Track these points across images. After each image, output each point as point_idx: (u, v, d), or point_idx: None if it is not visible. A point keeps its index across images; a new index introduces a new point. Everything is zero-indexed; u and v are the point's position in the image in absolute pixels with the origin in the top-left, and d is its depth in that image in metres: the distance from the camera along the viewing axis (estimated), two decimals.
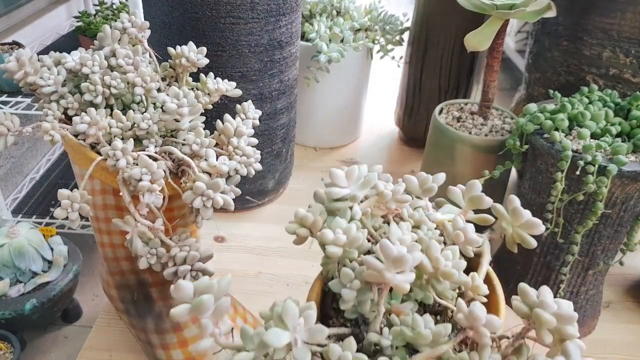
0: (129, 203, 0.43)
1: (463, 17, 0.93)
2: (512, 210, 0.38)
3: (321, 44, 0.92)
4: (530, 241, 0.37)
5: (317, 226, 0.36)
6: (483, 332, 0.31)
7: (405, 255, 0.31)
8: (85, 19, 1.19)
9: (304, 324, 0.29)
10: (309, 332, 0.29)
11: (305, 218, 0.36)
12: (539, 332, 0.31)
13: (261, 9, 0.70)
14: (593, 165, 0.55)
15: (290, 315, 0.29)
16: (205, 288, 0.30)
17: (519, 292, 0.33)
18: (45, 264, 0.90)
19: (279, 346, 0.28)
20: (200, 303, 0.29)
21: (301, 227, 0.37)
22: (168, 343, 0.56)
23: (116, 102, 0.50)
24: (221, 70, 0.73)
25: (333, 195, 0.37)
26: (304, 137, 1.07)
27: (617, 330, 0.70)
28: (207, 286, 0.30)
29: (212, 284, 0.30)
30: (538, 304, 0.31)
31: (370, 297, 0.33)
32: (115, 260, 0.55)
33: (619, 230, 0.61)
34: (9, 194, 1.14)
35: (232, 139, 0.48)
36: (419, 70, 1.03)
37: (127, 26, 0.52)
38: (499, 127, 0.79)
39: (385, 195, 0.38)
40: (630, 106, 0.65)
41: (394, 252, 0.31)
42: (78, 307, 1.01)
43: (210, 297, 0.30)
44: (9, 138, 0.44)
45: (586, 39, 0.75)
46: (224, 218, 0.86)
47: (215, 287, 0.30)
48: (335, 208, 0.38)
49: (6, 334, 0.83)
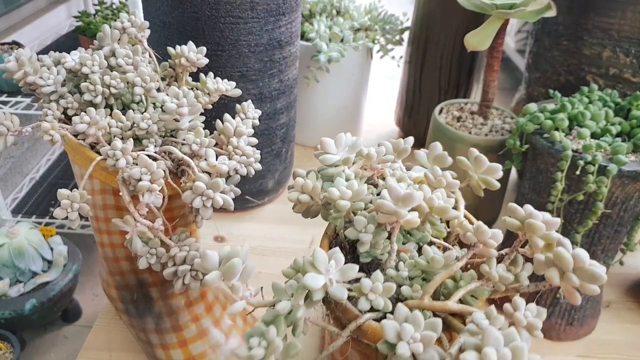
0: (129, 203, 0.43)
1: (463, 17, 0.93)
2: (475, 159, 0.43)
3: (321, 44, 0.92)
4: (494, 183, 0.42)
5: (317, 191, 0.40)
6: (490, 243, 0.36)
7: (413, 192, 0.35)
8: (84, 18, 1.19)
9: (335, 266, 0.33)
10: (340, 272, 0.33)
11: (306, 185, 0.40)
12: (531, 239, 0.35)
13: (261, 9, 0.70)
14: (593, 165, 0.55)
15: (321, 261, 0.33)
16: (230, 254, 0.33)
17: (509, 211, 0.37)
18: (45, 263, 0.90)
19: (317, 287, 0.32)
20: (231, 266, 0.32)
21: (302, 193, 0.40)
22: (168, 343, 0.56)
23: (116, 102, 0.50)
24: (221, 70, 0.73)
25: (327, 161, 0.42)
26: (304, 137, 1.07)
27: (617, 330, 0.70)
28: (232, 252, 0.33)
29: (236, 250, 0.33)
30: (528, 215, 0.35)
31: (385, 236, 0.37)
32: (115, 260, 0.55)
33: (619, 230, 0.61)
34: (8, 194, 1.14)
35: (231, 139, 0.48)
36: (419, 70, 1.03)
37: (126, 26, 0.52)
38: (499, 127, 0.79)
39: (372, 157, 0.43)
40: (630, 106, 0.65)
41: (402, 192, 0.35)
42: (78, 307, 1.01)
43: (239, 260, 0.32)
44: (8, 138, 0.44)
45: (586, 38, 0.75)
46: (224, 218, 0.86)
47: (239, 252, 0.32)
48: (329, 174, 0.42)
49: (6, 333, 0.83)
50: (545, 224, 0.35)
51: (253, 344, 0.32)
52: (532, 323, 0.32)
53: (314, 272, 0.33)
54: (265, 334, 0.31)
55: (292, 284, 0.34)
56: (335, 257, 0.33)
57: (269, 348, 0.31)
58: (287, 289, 0.34)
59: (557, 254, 0.33)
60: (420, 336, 0.30)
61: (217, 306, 0.58)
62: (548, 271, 0.33)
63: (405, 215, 0.35)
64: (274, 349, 0.31)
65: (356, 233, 0.38)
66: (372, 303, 0.34)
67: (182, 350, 0.56)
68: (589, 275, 0.32)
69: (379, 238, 0.38)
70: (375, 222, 0.37)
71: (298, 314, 0.33)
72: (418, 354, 0.30)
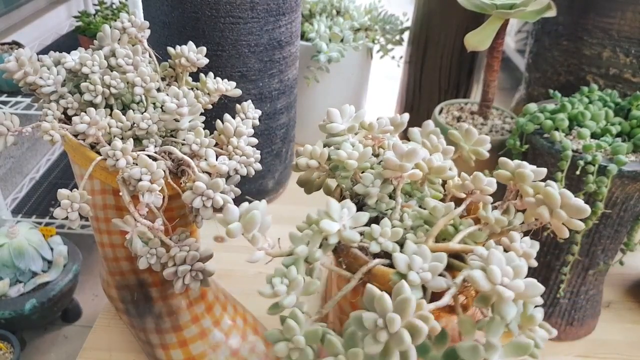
0: (129, 203, 0.43)
1: (463, 17, 0.93)
2: (465, 132, 0.46)
3: (321, 44, 0.92)
4: (484, 153, 0.46)
5: (324, 157, 0.44)
6: (486, 190, 0.39)
7: (416, 147, 0.39)
8: (84, 18, 1.19)
9: (347, 214, 0.37)
10: (353, 219, 0.37)
11: (314, 151, 0.44)
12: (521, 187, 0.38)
13: (261, 9, 0.70)
14: (593, 165, 0.55)
15: (334, 210, 0.36)
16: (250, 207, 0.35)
17: (500, 164, 0.40)
18: (45, 263, 0.90)
19: (332, 231, 0.35)
20: (252, 217, 0.35)
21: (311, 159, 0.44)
22: (168, 343, 0.56)
23: (116, 102, 0.50)
24: (221, 70, 0.73)
25: (333, 129, 0.46)
26: (304, 137, 1.07)
27: (617, 330, 0.70)
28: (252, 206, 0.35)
29: (256, 203, 0.36)
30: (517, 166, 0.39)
31: (391, 189, 0.41)
32: (115, 260, 0.55)
33: (619, 230, 0.61)
34: (8, 194, 1.14)
35: (232, 139, 0.48)
36: (419, 70, 1.03)
37: (126, 26, 0.52)
38: (499, 127, 0.79)
39: (374, 127, 0.47)
40: (630, 106, 0.65)
41: (405, 148, 0.39)
42: (78, 307, 1.01)
43: (259, 212, 0.35)
44: (8, 138, 0.44)
45: (586, 38, 0.75)
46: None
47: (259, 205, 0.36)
48: (335, 142, 0.45)
49: (6, 334, 0.83)
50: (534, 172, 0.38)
51: (276, 282, 0.35)
52: (527, 252, 0.36)
53: (329, 219, 0.36)
54: (286, 274, 0.35)
55: (308, 233, 0.37)
56: (348, 206, 0.37)
57: (291, 285, 0.35)
58: (304, 237, 0.37)
59: (546, 192, 0.36)
60: (428, 266, 0.34)
61: (217, 306, 0.58)
62: (539, 209, 0.36)
63: (410, 169, 0.39)
64: (295, 285, 0.35)
65: (364, 188, 0.42)
66: (381, 246, 0.37)
67: (182, 350, 0.56)
68: (575, 210, 0.35)
69: (385, 191, 0.42)
70: (381, 177, 0.41)
71: (316, 254, 0.36)
72: (427, 282, 0.33)
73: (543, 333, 0.33)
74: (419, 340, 0.29)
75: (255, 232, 0.36)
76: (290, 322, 0.34)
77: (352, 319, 0.31)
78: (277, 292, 0.34)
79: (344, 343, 0.32)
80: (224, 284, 0.66)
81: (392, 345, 0.29)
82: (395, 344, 0.29)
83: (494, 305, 0.31)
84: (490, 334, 0.31)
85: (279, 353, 0.33)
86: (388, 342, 0.29)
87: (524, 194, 0.38)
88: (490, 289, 0.30)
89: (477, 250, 0.34)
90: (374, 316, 0.30)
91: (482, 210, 0.40)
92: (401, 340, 0.29)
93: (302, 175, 0.48)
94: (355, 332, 0.32)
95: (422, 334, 0.29)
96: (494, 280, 0.30)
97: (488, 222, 0.40)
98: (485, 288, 0.30)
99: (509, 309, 0.30)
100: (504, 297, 0.30)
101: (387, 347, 0.29)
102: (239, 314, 0.61)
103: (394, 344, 0.29)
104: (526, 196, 0.38)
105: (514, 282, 0.30)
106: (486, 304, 0.31)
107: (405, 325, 0.29)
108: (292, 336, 0.33)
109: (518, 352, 0.31)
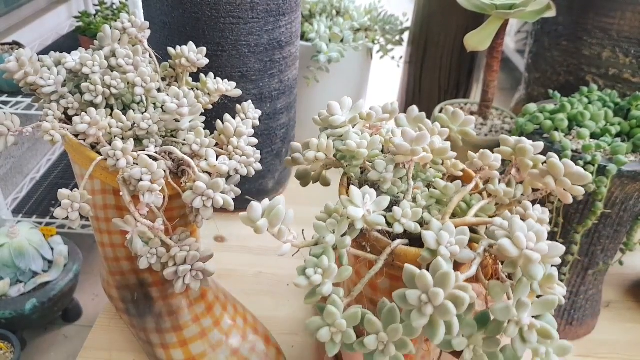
0: (129, 203, 0.43)
1: (463, 17, 0.93)
2: (452, 114, 0.49)
3: (321, 44, 0.92)
4: (471, 133, 0.49)
5: (330, 148, 0.45)
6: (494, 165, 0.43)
7: (424, 132, 0.42)
8: (85, 19, 1.20)
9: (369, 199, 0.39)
10: (375, 204, 0.39)
11: (321, 144, 0.45)
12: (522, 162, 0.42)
13: (261, 9, 0.70)
14: (593, 165, 0.55)
15: (357, 197, 0.38)
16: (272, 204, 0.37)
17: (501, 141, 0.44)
18: (45, 263, 0.90)
19: (358, 217, 0.37)
20: (277, 212, 0.36)
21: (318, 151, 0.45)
22: (168, 343, 0.56)
23: (116, 102, 0.50)
24: (221, 70, 0.73)
25: (336, 122, 0.47)
26: (304, 137, 1.07)
27: (617, 330, 0.70)
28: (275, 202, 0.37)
29: (277, 199, 0.37)
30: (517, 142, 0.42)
31: (403, 173, 0.44)
32: (116, 260, 0.56)
33: (618, 230, 0.61)
34: (9, 194, 1.14)
35: (232, 139, 0.48)
36: (419, 70, 1.03)
37: (127, 26, 0.52)
38: (499, 127, 0.79)
39: (372, 116, 0.50)
40: (629, 106, 0.65)
41: (414, 133, 0.42)
42: (78, 306, 1.01)
43: (283, 207, 0.37)
44: (9, 138, 0.44)
45: (586, 38, 0.75)
46: (224, 218, 0.86)
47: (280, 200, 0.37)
48: (338, 133, 0.47)
49: (6, 333, 0.83)
50: (534, 146, 0.42)
51: (310, 273, 0.36)
52: (542, 218, 0.40)
53: (353, 206, 0.38)
54: (319, 263, 0.37)
55: (332, 222, 0.39)
56: (369, 193, 0.39)
57: (325, 273, 0.36)
58: (329, 225, 0.39)
59: (551, 163, 0.40)
60: (455, 240, 0.36)
61: (218, 306, 0.59)
62: (545, 179, 0.40)
63: (421, 152, 0.41)
64: (330, 273, 0.36)
65: (378, 174, 0.44)
66: (404, 226, 0.40)
67: (183, 350, 0.56)
68: (577, 177, 0.39)
69: (398, 176, 0.44)
70: (393, 162, 0.44)
71: (346, 241, 0.38)
72: (455, 254, 0.36)
73: (561, 290, 0.36)
74: (462, 309, 0.31)
75: (281, 226, 0.37)
76: (330, 308, 0.36)
77: (396, 297, 0.34)
78: (313, 282, 0.36)
79: (383, 321, 0.35)
80: (224, 284, 0.66)
81: (437, 317, 0.32)
82: (441, 315, 0.32)
83: (522, 268, 0.34)
84: (519, 294, 0.34)
85: (322, 338, 0.35)
86: (433, 315, 0.32)
87: (523, 168, 0.42)
88: (518, 254, 0.33)
89: (497, 222, 0.37)
90: (417, 292, 0.32)
91: (490, 185, 0.43)
92: (447, 311, 0.31)
93: (299, 169, 0.50)
94: (393, 310, 0.35)
95: (464, 303, 0.31)
96: (521, 246, 0.33)
97: (497, 195, 0.43)
98: (514, 254, 0.34)
99: (538, 270, 0.34)
100: (532, 260, 0.33)
101: (432, 319, 0.32)
102: (239, 313, 0.61)
103: (440, 315, 0.32)
104: (526, 170, 0.42)
105: (538, 245, 0.34)
106: (514, 268, 0.35)
107: (448, 297, 0.32)
108: (333, 321, 0.35)
109: (546, 308, 0.35)
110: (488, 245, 0.37)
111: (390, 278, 0.43)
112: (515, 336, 0.34)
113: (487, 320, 0.35)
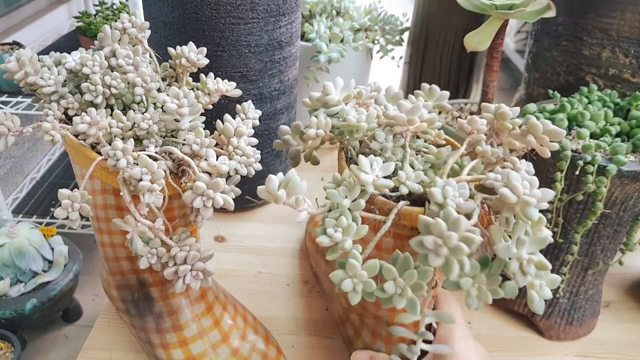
0: (129, 203, 0.43)
1: (463, 17, 0.93)
2: (429, 90, 0.53)
3: (321, 44, 0.92)
4: (447, 107, 0.53)
5: (329, 125, 0.49)
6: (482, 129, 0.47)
7: (419, 103, 0.46)
8: (85, 19, 1.20)
9: (377, 166, 0.43)
10: (383, 169, 0.44)
11: (320, 122, 0.49)
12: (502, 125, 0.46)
13: (261, 9, 0.71)
14: (592, 165, 0.55)
15: (365, 164, 0.43)
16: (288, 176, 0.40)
17: (482, 109, 0.48)
18: (45, 263, 0.91)
19: (369, 181, 0.42)
20: (294, 184, 0.40)
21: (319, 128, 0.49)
22: (168, 342, 0.56)
23: (116, 102, 0.50)
24: (221, 70, 0.73)
25: (332, 100, 0.51)
26: None
27: (617, 330, 0.70)
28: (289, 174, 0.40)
29: (291, 171, 0.40)
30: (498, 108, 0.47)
31: (402, 142, 0.48)
32: (116, 260, 0.56)
33: (618, 230, 0.61)
34: (9, 194, 1.14)
35: (232, 139, 0.48)
36: (419, 70, 1.03)
37: (127, 26, 0.52)
38: None
39: (363, 94, 0.53)
40: (629, 106, 0.65)
41: (409, 105, 0.46)
42: (78, 306, 1.02)
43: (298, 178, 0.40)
44: (9, 138, 0.44)
45: (585, 38, 0.75)
46: (224, 218, 0.86)
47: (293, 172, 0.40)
48: (334, 112, 0.51)
49: (7, 333, 0.83)
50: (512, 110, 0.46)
51: (331, 232, 0.40)
52: (529, 170, 0.43)
53: (364, 172, 0.42)
54: (338, 223, 0.41)
55: (343, 188, 0.43)
56: (377, 160, 0.43)
57: (345, 231, 0.40)
58: (340, 192, 0.43)
59: (531, 122, 0.45)
60: (459, 193, 0.41)
61: (218, 306, 0.59)
62: (526, 138, 0.45)
63: (418, 122, 0.46)
64: (350, 230, 0.40)
65: (379, 144, 0.48)
66: (409, 188, 0.44)
67: (183, 349, 0.56)
68: (554, 134, 0.44)
69: (397, 144, 0.48)
70: (391, 133, 0.48)
71: (360, 202, 0.42)
72: (460, 206, 0.40)
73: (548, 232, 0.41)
74: (474, 248, 0.36)
75: (298, 195, 0.40)
76: (352, 262, 0.40)
77: (413, 244, 0.38)
78: (335, 239, 0.40)
79: (398, 268, 0.40)
80: (224, 284, 0.66)
81: (451, 257, 0.36)
82: (455, 255, 0.36)
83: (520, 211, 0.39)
84: (517, 234, 0.40)
85: (346, 288, 0.40)
86: (448, 256, 0.36)
87: (504, 129, 0.47)
88: (517, 200, 0.38)
89: (491, 176, 0.42)
90: (432, 237, 0.37)
91: (478, 147, 0.48)
92: (460, 250, 0.35)
93: (291, 150, 0.54)
94: (408, 258, 0.39)
95: (475, 243, 0.36)
96: (519, 193, 0.38)
97: (485, 155, 0.47)
98: (513, 200, 0.38)
99: (534, 213, 0.38)
100: (529, 204, 0.38)
101: (447, 259, 0.37)
102: (239, 313, 0.61)
103: (454, 255, 0.36)
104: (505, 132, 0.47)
105: (532, 191, 0.39)
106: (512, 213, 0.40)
107: (461, 239, 0.36)
108: (355, 272, 0.40)
109: (539, 244, 0.40)
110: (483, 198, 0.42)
111: (394, 237, 0.48)
112: (517, 270, 0.38)
113: (487, 262, 0.40)
